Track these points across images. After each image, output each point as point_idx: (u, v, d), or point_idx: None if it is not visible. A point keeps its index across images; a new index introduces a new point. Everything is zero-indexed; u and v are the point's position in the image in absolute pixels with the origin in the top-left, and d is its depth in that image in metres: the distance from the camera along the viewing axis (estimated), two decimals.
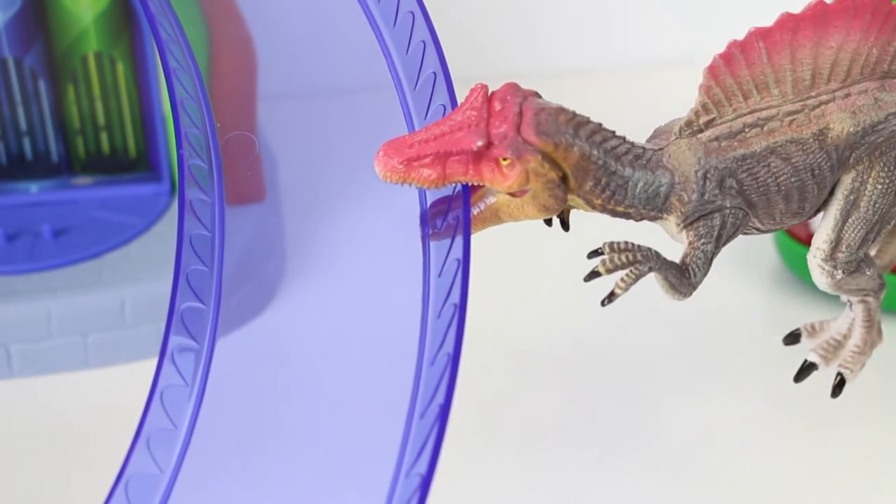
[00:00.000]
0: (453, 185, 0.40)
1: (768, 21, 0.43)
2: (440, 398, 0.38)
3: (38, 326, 0.57)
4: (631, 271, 0.42)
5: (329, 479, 0.42)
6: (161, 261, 0.59)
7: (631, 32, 0.85)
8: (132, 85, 0.62)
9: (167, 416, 0.42)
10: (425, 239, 0.42)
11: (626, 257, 0.42)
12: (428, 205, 0.42)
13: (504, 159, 0.39)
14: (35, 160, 0.63)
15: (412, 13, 0.46)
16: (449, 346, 0.39)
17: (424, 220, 0.42)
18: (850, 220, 0.44)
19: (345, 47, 0.49)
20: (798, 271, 0.63)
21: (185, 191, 0.44)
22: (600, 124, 0.41)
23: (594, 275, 0.42)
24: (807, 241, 0.62)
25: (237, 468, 0.44)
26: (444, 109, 0.45)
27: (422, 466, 0.37)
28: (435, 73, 0.45)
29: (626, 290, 0.42)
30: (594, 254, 0.42)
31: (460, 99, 0.41)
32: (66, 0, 0.59)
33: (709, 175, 0.42)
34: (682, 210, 0.42)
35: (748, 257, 0.66)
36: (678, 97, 0.83)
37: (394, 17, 0.47)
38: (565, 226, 0.44)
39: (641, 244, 0.42)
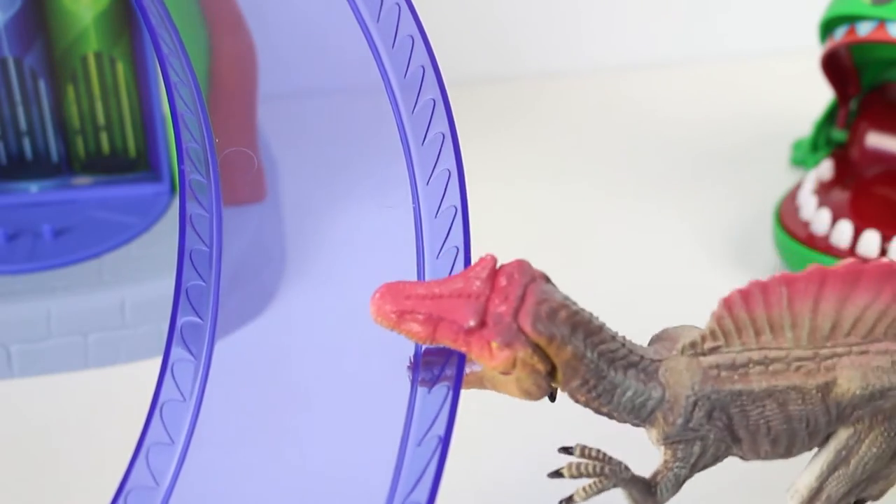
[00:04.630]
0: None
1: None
2: (439, 429, 0.37)
3: (38, 326, 0.57)
4: (595, 483, 0.41)
5: (326, 491, 0.42)
6: (161, 261, 0.59)
7: (613, 35, 0.85)
8: (132, 85, 0.62)
9: (165, 430, 0.42)
10: (414, 383, 0.41)
11: (594, 468, 0.41)
12: (423, 349, 0.41)
13: (494, 342, 0.39)
14: (35, 160, 0.63)
15: (398, 4, 0.45)
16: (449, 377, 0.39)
17: (416, 364, 0.41)
18: (836, 473, 0.43)
19: (345, 48, 0.49)
20: (798, 271, 0.62)
21: (186, 205, 0.44)
22: (602, 325, 0.40)
23: (558, 475, 0.41)
24: (806, 240, 0.62)
25: (232, 480, 0.44)
26: (434, 104, 0.44)
27: (420, 495, 0.36)
28: (423, 67, 0.45)
29: (585, 499, 0.41)
30: (565, 450, 0.41)
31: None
32: (66, 0, 0.59)
33: (699, 403, 0.41)
34: (665, 429, 0.41)
35: (748, 257, 0.66)
36: (676, 97, 0.83)
37: (377, 12, 0.46)
38: (552, 398, 0.43)
39: (613, 457, 0.41)
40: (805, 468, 0.44)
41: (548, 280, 0.40)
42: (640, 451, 0.44)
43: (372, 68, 0.45)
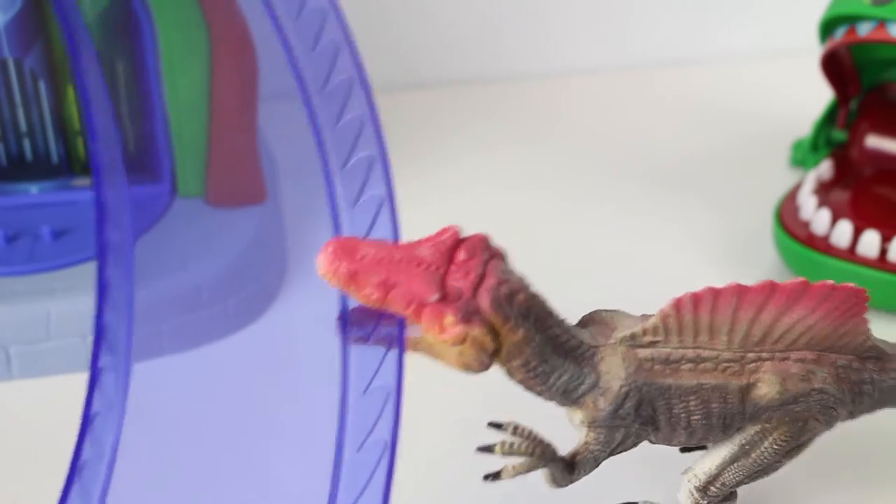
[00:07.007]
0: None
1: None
2: (384, 433, 0.37)
3: (38, 328, 0.57)
4: (525, 463, 0.42)
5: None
6: (160, 262, 0.59)
7: (614, 35, 0.85)
8: (132, 85, 0.62)
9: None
10: (345, 342, 0.40)
11: (526, 447, 0.42)
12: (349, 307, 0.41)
13: (450, 317, 0.39)
14: (35, 161, 0.63)
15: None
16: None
17: (345, 322, 0.40)
18: (736, 463, 0.45)
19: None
20: (798, 271, 0.62)
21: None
22: (552, 310, 0.41)
23: (488, 450, 0.42)
24: (806, 241, 0.62)
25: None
26: (351, 86, 0.43)
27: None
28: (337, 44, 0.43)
29: (512, 477, 0.42)
30: (495, 426, 0.42)
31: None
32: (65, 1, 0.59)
33: (630, 394, 0.42)
34: (593, 414, 0.42)
35: (748, 257, 0.66)
36: (676, 98, 0.83)
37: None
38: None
39: (543, 438, 0.42)
40: (705, 454, 0.46)
41: (504, 258, 0.41)
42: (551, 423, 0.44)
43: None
